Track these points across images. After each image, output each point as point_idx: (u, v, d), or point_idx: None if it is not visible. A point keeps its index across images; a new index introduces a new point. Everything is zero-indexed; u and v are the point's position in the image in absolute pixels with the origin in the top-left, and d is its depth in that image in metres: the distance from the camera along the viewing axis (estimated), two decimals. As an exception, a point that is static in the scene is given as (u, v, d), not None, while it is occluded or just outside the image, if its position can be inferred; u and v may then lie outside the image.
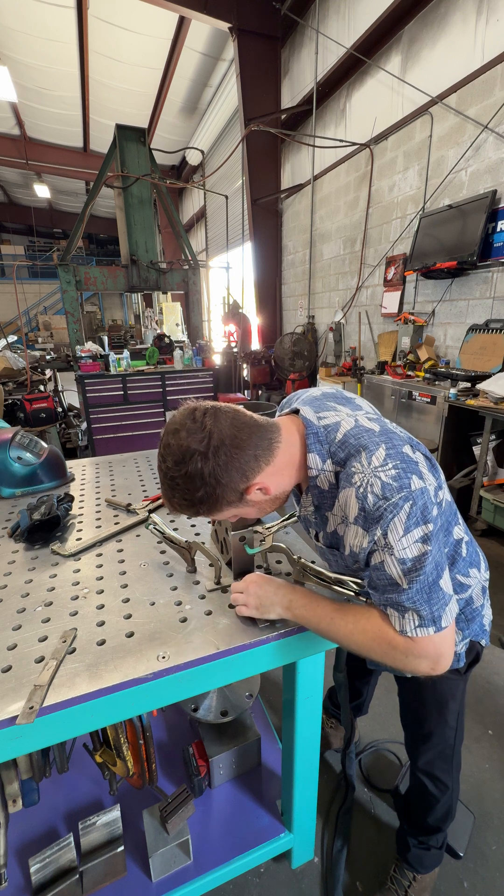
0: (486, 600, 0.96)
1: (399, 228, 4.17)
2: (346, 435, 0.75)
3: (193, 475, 0.71)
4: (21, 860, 1.11)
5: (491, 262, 3.17)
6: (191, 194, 11.75)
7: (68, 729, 0.70)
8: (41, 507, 1.20)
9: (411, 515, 0.67)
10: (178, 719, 1.54)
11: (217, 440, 0.71)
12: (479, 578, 0.92)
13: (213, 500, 0.74)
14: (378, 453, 0.70)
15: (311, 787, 1.14)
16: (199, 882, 1.09)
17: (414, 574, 0.68)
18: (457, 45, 3.33)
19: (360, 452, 0.72)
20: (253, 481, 0.75)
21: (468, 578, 0.90)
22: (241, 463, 0.73)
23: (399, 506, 0.67)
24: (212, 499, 0.74)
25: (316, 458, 0.77)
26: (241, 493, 0.76)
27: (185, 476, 0.71)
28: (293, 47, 5.56)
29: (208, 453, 0.70)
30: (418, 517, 0.67)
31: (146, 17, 5.75)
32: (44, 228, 15.85)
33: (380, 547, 0.70)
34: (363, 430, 0.75)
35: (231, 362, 6.36)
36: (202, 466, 0.70)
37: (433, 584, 0.69)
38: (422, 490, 0.69)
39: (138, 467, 1.74)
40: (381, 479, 0.68)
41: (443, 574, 0.70)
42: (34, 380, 4.75)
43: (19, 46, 6.46)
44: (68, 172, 10.56)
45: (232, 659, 0.79)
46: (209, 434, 0.71)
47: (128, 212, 4.60)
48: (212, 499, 0.74)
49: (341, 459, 0.75)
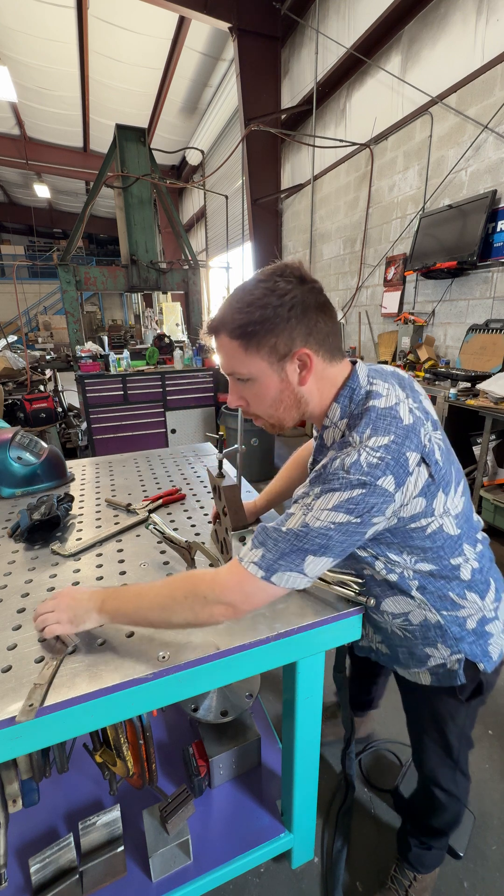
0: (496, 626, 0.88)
1: (399, 228, 4.17)
2: (374, 408, 0.70)
3: (266, 294, 0.69)
4: (21, 860, 1.11)
5: (491, 262, 3.16)
6: (191, 194, 11.75)
7: (68, 729, 0.70)
8: (41, 507, 1.20)
9: (351, 501, 0.65)
10: (178, 719, 1.54)
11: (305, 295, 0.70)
12: (478, 605, 0.84)
13: (258, 335, 0.70)
14: (380, 438, 0.66)
15: (311, 787, 1.14)
16: (199, 882, 1.09)
17: (299, 528, 0.68)
18: (457, 44, 3.33)
19: (367, 427, 0.68)
20: (303, 349, 0.71)
21: (463, 601, 0.84)
22: (310, 328, 0.70)
23: (350, 485, 0.65)
24: (259, 334, 0.70)
25: (337, 410, 0.75)
26: (286, 354, 0.71)
27: (260, 290, 0.70)
28: (293, 47, 5.56)
29: (292, 290, 0.69)
30: (354, 506, 0.65)
31: (146, 16, 5.75)
32: (44, 228, 15.85)
33: (303, 503, 0.69)
34: (392, 415, 0.69)
35: (231, 362, 6.33)
36: (281, 291, 0.69)
37: (301, 550, 0.68)
38: (382, 492, 0.65)
39: (138, 467, 1.74)
40: (359, 455, 0.65)
41: (320, 558, 0.68)
42: (34, 380, 4.75)
43: (19, 46, 6.46)
44: (68, 172, 10.56)
45: (232, 659, 0.79)
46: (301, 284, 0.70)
47: (128, 212, 4.60)
48: (259, 334, 0.70)
49: (352, 425, 0.71)
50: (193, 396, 4.46)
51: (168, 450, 1.95)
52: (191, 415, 4.49)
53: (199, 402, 4.49)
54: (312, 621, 0.86)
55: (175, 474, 1.66)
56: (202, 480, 1.59)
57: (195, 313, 5.65)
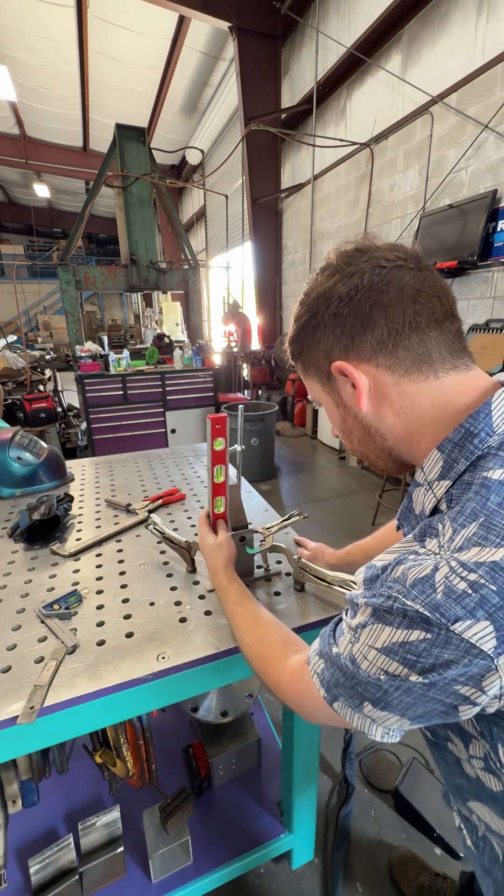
0: None
1: (399, 228, 4.16)
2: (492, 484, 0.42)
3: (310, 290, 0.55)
4: (21, 861, 1.11)
5: (491, 262, 3.16)
6: (191, 194, 11.74)
7: (68, 729, 0.70)
8: (41, 507, 1.19)
9: (410, 648, 0.40)
10: (178, 719, 1.54)
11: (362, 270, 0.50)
12: None
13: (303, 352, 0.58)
14: (487, 550, 0.39)
15: (311, 787, 1.14)
16: (199, 882, 1.09)
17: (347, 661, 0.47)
18: (457, 44, 3.32)
19: (471, 521, 0.41)
20: (344, 362, 0.52)
21: None
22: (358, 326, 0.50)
23: (408, 619, 0.41)
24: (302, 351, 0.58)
25: (438, 462, 0.48)
26: (328, 370, 0.55)
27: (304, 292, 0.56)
28: (293, 46, 5.55)
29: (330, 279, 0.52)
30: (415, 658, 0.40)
31: (146, 16, 5.75)
32: (43, 228, 15.86)
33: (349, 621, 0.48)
34: None
35: (231, 362, 6.35)
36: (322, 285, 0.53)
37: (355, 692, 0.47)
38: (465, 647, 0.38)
39: (138, 467, 1.73)
40: (436, 570, 0.40)
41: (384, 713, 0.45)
42: (34, 380, 4.75)
43: (19, 46, 6.46)
44: (68, 172, 10.56)
45: (232, 659, 0.79)
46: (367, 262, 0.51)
47: (128, 211, 4.60)
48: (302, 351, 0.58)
49: (452, 499, 0.46)
50: (193, 396, 4.46)
51: (168, 450, 1.94)
52: (191, 415, 4.49)
53: (199, 402, 4.49)
54: (312, 621, 0.85)
55: (175, 474, 1.65)
56: (202, 480, 1.59)
57: (195, 313, 5.64)
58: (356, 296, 0.49)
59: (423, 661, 0.40)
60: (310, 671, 0.54)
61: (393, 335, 0.49)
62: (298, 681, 0.57)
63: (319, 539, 1.07)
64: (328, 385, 0.57)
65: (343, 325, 0.51)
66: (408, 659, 0.41)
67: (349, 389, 0.54)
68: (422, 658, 0.40)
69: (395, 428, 0.53)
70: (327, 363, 0.54)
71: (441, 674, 0.39)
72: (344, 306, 0.50)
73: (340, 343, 0.52)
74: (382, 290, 0.49)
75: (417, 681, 0.41)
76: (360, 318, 0.50)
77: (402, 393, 0.50)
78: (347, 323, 0.50)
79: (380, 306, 0.49)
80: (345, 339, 0.51)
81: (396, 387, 0.50)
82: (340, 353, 0.52)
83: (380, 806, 1.43)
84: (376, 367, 0.51)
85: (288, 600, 0.92)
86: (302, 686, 0.56)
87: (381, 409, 0.52)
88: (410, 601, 0.40)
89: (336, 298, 0.51)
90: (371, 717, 0.47)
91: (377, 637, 0.43)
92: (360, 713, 0.47)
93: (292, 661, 0.61)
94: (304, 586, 0.95)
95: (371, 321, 0.49)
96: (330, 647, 0.51)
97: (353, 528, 3.18)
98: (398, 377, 0.50)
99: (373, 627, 0.44)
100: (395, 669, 0.42)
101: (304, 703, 0.56)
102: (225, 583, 0.82)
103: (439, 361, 0.49)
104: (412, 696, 0.42)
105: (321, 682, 0.51)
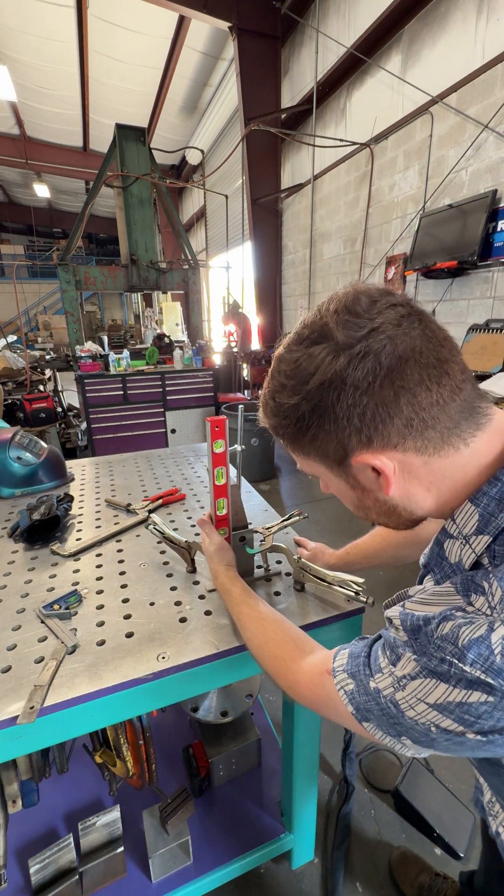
0: None
1: (399, 228, 4.16)
2: None
3: (308, 374, 0.46)
4: (21, 861, 1.11)
5: (491, 262, 3.16)
6: (191, 194, 11.74)
7: (68, 729, 0.70)
8: (41, 507, 1.19)
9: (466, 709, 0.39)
10: (178, 719, 1.54)
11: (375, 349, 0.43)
12: None
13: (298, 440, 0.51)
14: None
15: (311, 787, 1.14)
16: (199, 883, 1.09)
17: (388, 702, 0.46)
18: (457, 44, 3.32)
19: None
20: (364, 456, 0.47)
21: None
22: (381, 416, 0.44)
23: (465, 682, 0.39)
24: (298, 439, 0.51)
25: (473, 516, 0.46)
26: (342, 459, 0.49)
27: (293, 368, 0.48)
28: (293, 46, 5.55)
29: (353, 360, 0.44)
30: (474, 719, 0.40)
31: (146, 16, 5.74)
32: (43, 228, 15.86)
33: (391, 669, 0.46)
34: None
35: (231, 362, 6.35)
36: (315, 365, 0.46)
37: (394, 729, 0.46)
38: None
39: (138, 467, 1.73)
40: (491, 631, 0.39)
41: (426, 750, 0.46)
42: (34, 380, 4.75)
43: (19, 46, 6.46)
44: (68, 172, 10.56)
45: (232, 659, 0.79)
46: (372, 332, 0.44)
47: (128, 211, 4.60)
48: (298, 439, 0.51)
49: (498, 555, 0.44)
50: (193, 396, 4.46)
51: (168, 450, 1.94)
52: (191, 415, 4.49)
53: (199, 402, 4.49)
54: (312, 621, 0.85)
55: (175, 474, 1.65)
56: (202, 480, 1.59)
57: (195, 313, 5.65)
58: (375, 383, 0.43)
59: (482, 722, 0.39)
60: (335, 685, 0.53)
61: (421, 417, 0.44)
62: (319, 687, 0.57)
63: (319, 539, 1.07)
64: (339, 469, 0.51)
65: (363, 416, 0.45)
66: (465, 719, 0.40)
67: (370, 474, 0.49)
68: (482, 720, 0.39)
69: (427, 503, 0.50)
70: (342, 452, 0.48)
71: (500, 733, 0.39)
72: (362, 395, 0.44)
73: (362, 434, 0.46)
74: (403, 370, 0.43)
75: (474, 738, 0.40)
76: (384, 406, 0.44)
77: (432, 471, 0.47)
78: (368, 413, 0.44)
79: (405, 391, 0.43)
80: (366, 429, 0.45)
81: (426, 466, 0.47)
82: (361, 444, 0.46)
83: (380, 806, 1.43)
84: (403, 452, 0.46)
85: (288, 600, 0.92)
86: (323, 693, 0.56)
87: (410, 489, 0.49)
88: (468, 666, 0.38)
89: (351, 387, 0.44)
90: (407, 746, 0.47)
91: (428, 692, 0.41)
92: (395, 740, 0.47)
93: (308, 665, 0.61)
94: (304, 586, 0.95)
95: (397, 407, 0.44)
96: (365, 676, 0.49)
97: (353, 528, 3.19)
98: (427, 456, 0.46)
99: (424, 682, 0.42)
100: (450, 726, 0.41)
101: (324, 709, 0.57)
102: (227, 584, 0.82)
103: (466, 428, 0.46)
104: (463, 747, 0.42)
105: (350, 700, 0.51)
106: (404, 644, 0.44)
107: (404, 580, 2.26)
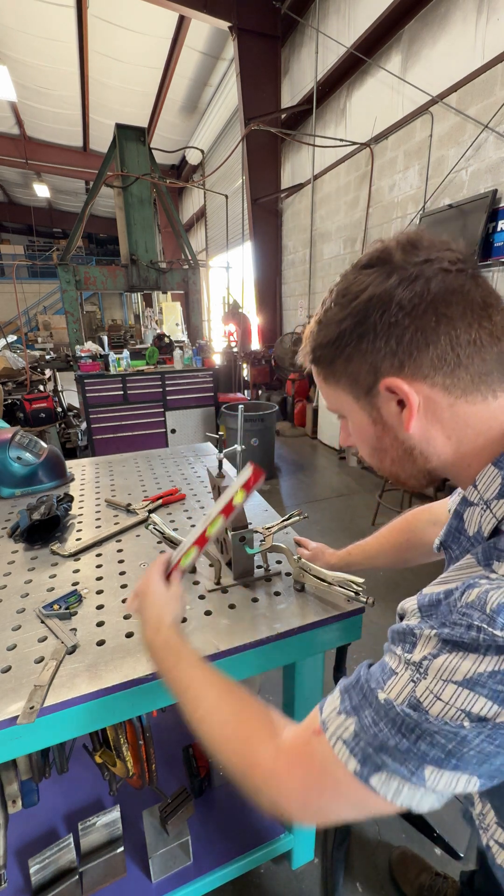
0: None
1: (399, 228, 4.16)
2: None
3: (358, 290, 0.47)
4: (21, 861, 1.11)
5: (491, 262, 3.16)
6: (191, 194, 11.74)
7: (68, 729, 0.70)
8: (41, 507, 1.19)
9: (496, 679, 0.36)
10: (178, 719, 1.53)
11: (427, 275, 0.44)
12: None
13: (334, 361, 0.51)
14: None
15: (312, 787, 1.14)
16: (199, 883, 1.09)
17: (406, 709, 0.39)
18: (457, 44, 3.32)
19: None
20: (391, 379, 0.46)
21: None
22: (415, 342, 0.45)
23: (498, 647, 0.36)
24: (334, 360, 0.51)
25: (496, 479, 0.45)
26: (372, 386, 0.49)
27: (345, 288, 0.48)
28: (293, 46, 5.55)
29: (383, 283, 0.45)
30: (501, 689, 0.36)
31: (146, 16, 5.75)
32: (43, 228, 15.86)
33: (406, 656, 0.42)
34: None
35: (231, 362, 6.35)
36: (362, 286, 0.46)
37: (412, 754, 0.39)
38: None
39: (138, 467, 1.73)
40: None
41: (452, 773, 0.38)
42: (34, 380, 4.75)
43: (19, 46, 6.46)
44: (68, 172, 10.57)
45: (232, 659, 0.79)
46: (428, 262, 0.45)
47: (128, 211, 4.60)
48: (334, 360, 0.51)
49: None
50: (193, 396, 4.46)
51: (168, 450, 1.95)
52: (191, 415, 4.49)
53: (199, 402, 4.49)
54: (312, 621, 0.85)
55: (175, 474, 1.65)
56: (202, 480, 1.59)
57: (195, 313, 5.65)
58: (420, 305, 0.44)
59: None
60: (328, 741, 0.44)
61: (456, 352, 0.44)
62: (306, 761, 0.46)
63: (320, 539, 1.07)
64: (365, 400, 0.50)
65: (401, 338, 0.45)
66: (499, 691, 0.36)
67: (393, 407, 0.48)
68: None
69: (445, 451, 0.49)
70: (372, 377, 0.48)
71: None
72: (405, 316, 0.44)
73: (396, 357, 0.46)
74: (449, 300, 0.44)
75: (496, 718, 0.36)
76: (423, 332, 0.44)
77: (456, 415, 0.46)
78: (406, 336, 0.44)
79: (446, 320, 0.44)
80: (401, 353, 0.45)
81: (451, 408, 0.46)
82: (393, 369, 0.46)
83: (380, 806, 1.43)
84: (431, 387, 0.46)
85: (288, 600, 0.92)
86: (313, 767, 0.45)
87: (431, 431, 0.48)
88: (500, 630, 0.36)
89: (396, 305, 0.44)
90: (426, 787, 0.39)
91: (455, 668, 0.37)
92: (411, 784, 0.40)
93: (286, 739, 0.49)
94: (304, 586, 0.95)
95: (435, 336, 0.44)
96: (368, 696, 0.42)
97: (354, 528, 3.18)
98: (454, 398, 0.46)
99: (448, 657, 0.38)
100: (482, 707, 0.36)
101: (316, 793, 0.45)
102: (177, 643, 0.63)
103: (497, 379, 0.45)
104: (495, 744, 0.37)
105: (351, 751, 0.42)
106: (419, 623, 0.42)
107: (404, 581, 2.26)
